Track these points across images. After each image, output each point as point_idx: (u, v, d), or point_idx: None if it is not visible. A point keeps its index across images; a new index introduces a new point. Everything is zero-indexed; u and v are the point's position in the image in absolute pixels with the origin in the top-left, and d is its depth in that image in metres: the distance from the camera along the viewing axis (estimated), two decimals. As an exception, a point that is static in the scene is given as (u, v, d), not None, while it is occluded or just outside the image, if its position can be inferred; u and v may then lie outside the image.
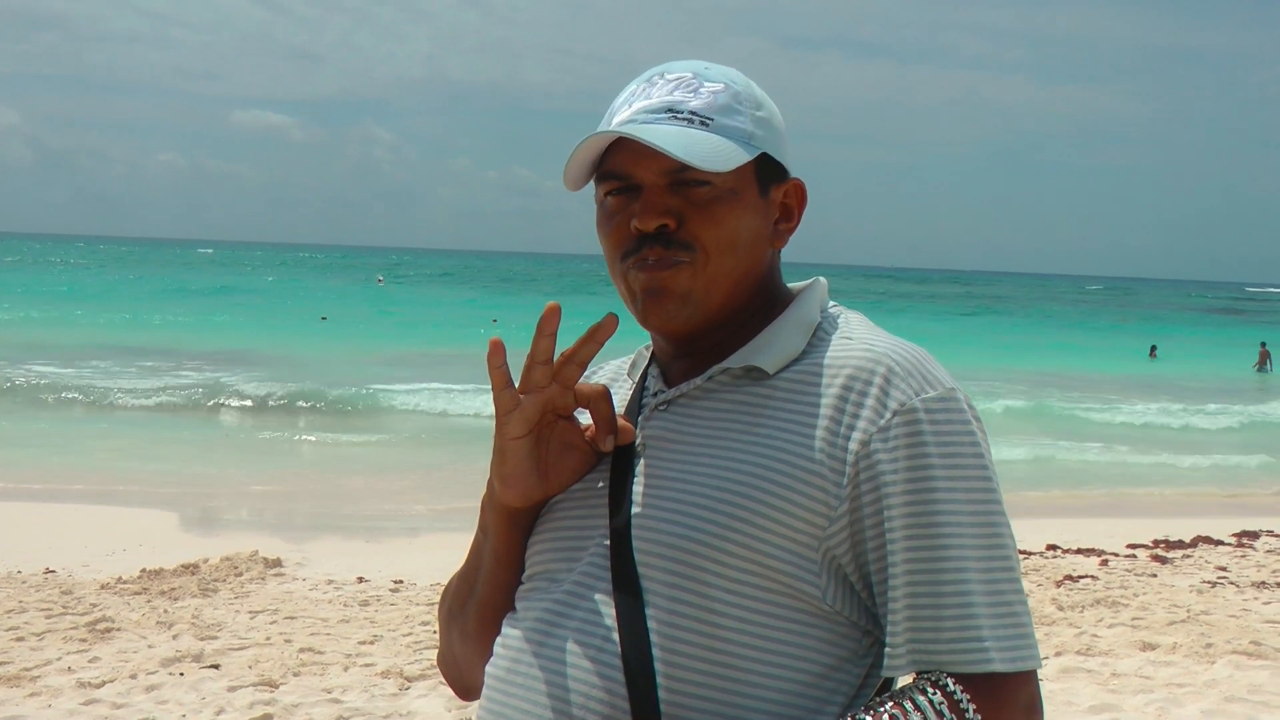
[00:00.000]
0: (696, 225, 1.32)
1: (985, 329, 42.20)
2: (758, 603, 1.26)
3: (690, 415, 1.35)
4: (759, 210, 1.36)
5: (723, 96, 1.34)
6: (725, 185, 1.32)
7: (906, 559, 1.24)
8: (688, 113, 1.32)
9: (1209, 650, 6.15)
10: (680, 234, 1.32)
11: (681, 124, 1.32)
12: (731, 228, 1.33)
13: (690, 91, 1.34)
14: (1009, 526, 1.29)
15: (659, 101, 1.33)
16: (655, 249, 1.32)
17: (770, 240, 1.39)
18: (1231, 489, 13.06)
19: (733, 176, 1.33)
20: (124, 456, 12.60)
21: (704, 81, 1.35)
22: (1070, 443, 15.67)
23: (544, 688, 1.30)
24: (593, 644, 1.28)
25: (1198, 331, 44.90)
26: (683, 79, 1.35)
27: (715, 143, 1.31)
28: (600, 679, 1.26)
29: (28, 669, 5.53)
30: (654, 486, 1.31)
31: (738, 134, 1.33)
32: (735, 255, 1.34)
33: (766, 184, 1.37)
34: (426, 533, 9.50)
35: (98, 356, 23.09)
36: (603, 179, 1.37)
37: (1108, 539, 9.44)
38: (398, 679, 5.51)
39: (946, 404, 1.28)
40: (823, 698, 1.27)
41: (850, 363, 1.31)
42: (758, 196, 1.36)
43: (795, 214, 1.41)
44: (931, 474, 1.25)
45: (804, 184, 1.42)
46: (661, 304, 1.34)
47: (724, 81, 1.36)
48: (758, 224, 1.36)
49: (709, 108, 1.33)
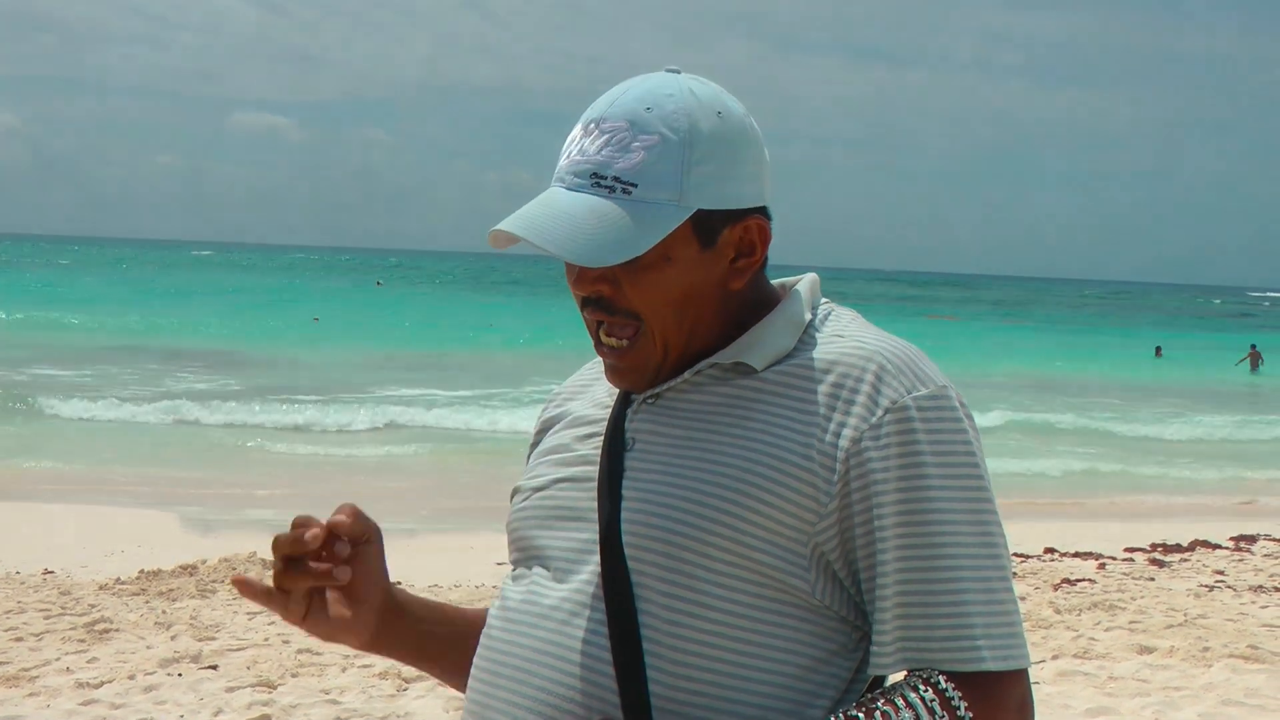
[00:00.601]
0: (631, 294, 1.30)
1: (986, 332, 42.16)
2: (747, 596, 1.26)
3: (677, 409, 1.35)
4: (699, 264, 1.31)
5: (653, 153, 1.28)
6: (655, 252, 1.28)
7: (898, 556, 1.24)
8: (610, 179, 1.27)
9: (1206, 654, 6.16)
10: (619, 301, 1.31)
11: (602, 193, 1.27)
12: (664, 291, 1.30)
13: (620, 150, 1.28)
14: (1000, 525, 1.29)
15: (588, 163, 1.29)
16: (598, 314, 1.33)
17: (727, 282, 1.34)
18: (1229, 492, 13.07)
19: (661, 244, 1.28)
20: (122, 458, 12.60)
21: (638, 135, 1.28)
22: (1072, 447, 15.67)
23: (532, 681, 1.30)
24: (581, 637, 1.28)
25: (1202, 336, 44.71)
26: (617, 131, 1.29)
27: (621, 224, 1.26)
28: (590, 672, 1.27)
29: (26, 669, 5.53)
30: (643, 481, 1.31)
31: (660, 201, 1.27)
32: (678, 313, 1.32)
33: (713, 232, 1.31)
34: (424, 535, 9.50)
35: (96, 358, 23.08)
36: None
37: (1105, 542, 9.45)
38: (395, 680, 5.52)
39: (938, 402, 1.28)
40: (812, 691, 1.28)
41: (842, 360, 1.31)
42: (698, 251, 1.31)
43: (758, 249, 1.35)
44: (924, 472, 1.25)
45: (765, 221, 1.34)
46: (623, 379, 1.36)
47: (657, 134, 1.28)
48: (699, 277, 1.32)
49: (634, 170, 1.27)
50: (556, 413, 1.52)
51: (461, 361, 25.18)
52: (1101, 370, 28.51)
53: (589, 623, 1.29)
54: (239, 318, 34.84)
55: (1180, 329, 51.10)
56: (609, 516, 1.31)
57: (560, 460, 1.42)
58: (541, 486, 1.42)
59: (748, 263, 1.34)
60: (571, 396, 1.53)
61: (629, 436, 1.36)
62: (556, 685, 1.28)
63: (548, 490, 1.41)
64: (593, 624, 1.29)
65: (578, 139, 1.32)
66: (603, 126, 1.30)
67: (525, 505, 1.43)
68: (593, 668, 1.27)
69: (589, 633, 1.28)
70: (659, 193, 1.27)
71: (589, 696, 1.26)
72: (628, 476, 1.33)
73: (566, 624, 1.30)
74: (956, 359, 26.82)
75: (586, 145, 1.30)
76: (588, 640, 1.28)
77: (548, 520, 1.39)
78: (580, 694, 1.27)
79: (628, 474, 1.33)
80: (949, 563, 1.24)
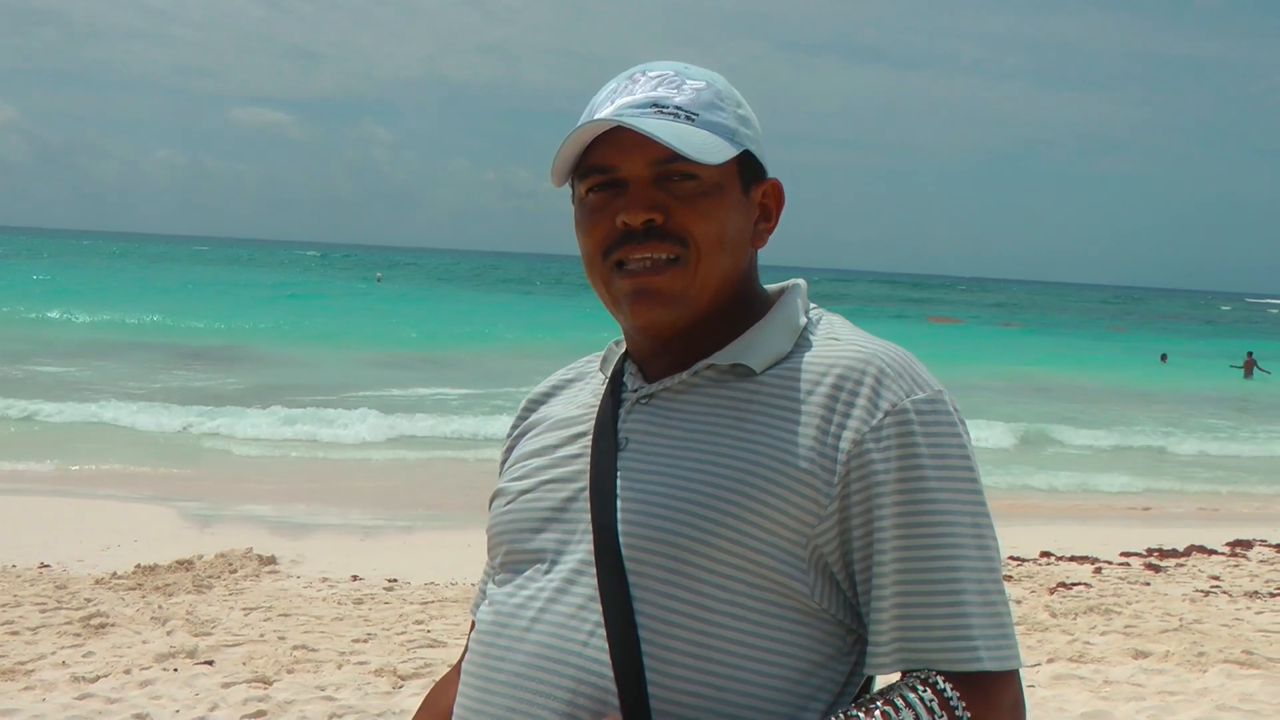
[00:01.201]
0: (684, 219, 1.31)
1: (989, 335, 42.11)
2: (747, 599, 1.26)
3: (674, 410, 1.35)
4: (742, 208, 1.36)
5: (706, 93, 1.34)
6: (711, 180, 1.32)
7: (898, 558, 1.25)
8: (673, 108, 1.31)
9: (1201, 659, 6.16)
10: (669, 227, 1.31)
11: (668, 118, 1.30)
12: (719, 222, 1.32)
13: (674, 88, 1.33)
14: (993, 528, 1.30)
15: (643, 97, 1.32)
16: (646, 245, 1.31)
17: (751, 240, 1.38)
18: (1225, 498, 13.07)
19: (718, 171, 1.32)
20: (119, 453, 12.60)
21: (686, 79, 1.34)
22: (1067, 449, 15.67)
23: (529, 685, 1.29)
24: (579, 640, 1.28)
25: (1208, 342, 44.51)
26: (665, 76, 1.34)
27: (704, 136, 1.30)
28: (589, 674, 1.26)
29: (22, 663, 5.53)
30: (640, 480, 1.31)
31: (723, 130, 1.33)
32: (723, 251, 1.33)
33: (748, 183, 1.37)
34: (421, 532, 9.50)
35: (93, 353, 23.07)
36: (585, 174, 1.34)
37: (1101, 546, 9.45)
38: (391, 677, 5.51)
39: (935, 405, 1.29)
40: (809, 694, 1.28)
41: (840, 363, 1.31)
42: (741, 194, 1.36)
43: (774, 214, 1.41)
44: (924, 474, 1.26)
45: (781, 184, 1.42)
46: (651, 307, 1.32)
47: (705, 80, 1.36)
48: (741, 221, 1.36)
49: (693, 103, 1.32)
50: (534, 417, 1.51)
51: (460, 359, 25.16)
52: (1105, 376, 28.47)
53: (586, 626, 1.28)
54: (237, 314, 34.81)
55: (1186, 335, 50.92)
56: (604, 518, 1.30)
57: (547, 462, 1.41)
58: (528, 489, 1.41)
59: (766, 227, 1.40)
60: (549, 400, 1.52)
61: (622, 437, 1.35)
62: (555, 689, 1.27)
63: (535, 492, 1.40)
64: (590, 626, 1.28)
65: (622, 87, 1.35)
66: (649, 74, 1.35)
67: (511, 508, 1.41)
68: (592, 670, 1.26)
69: (587, 636, 1.27)
70: (717, 124, 1.32)
71: (589, 699, 1.26)
72: (622, 477, 1.32)
73: (564, 627, 1.29)
74: (958, 361, 26.83)
75: (636, 88, 1.34)
76: (585, 643, 1.27)
77: (537, 523, 1.38)
78: (579, 697, 1.26)
79: (622, 475, 1.32)
80: (947, 564, 1.25)
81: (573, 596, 1.30)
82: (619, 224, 1.31)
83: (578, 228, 1.37)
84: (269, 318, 34.02)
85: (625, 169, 1.31)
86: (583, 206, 1.36)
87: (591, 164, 1.33)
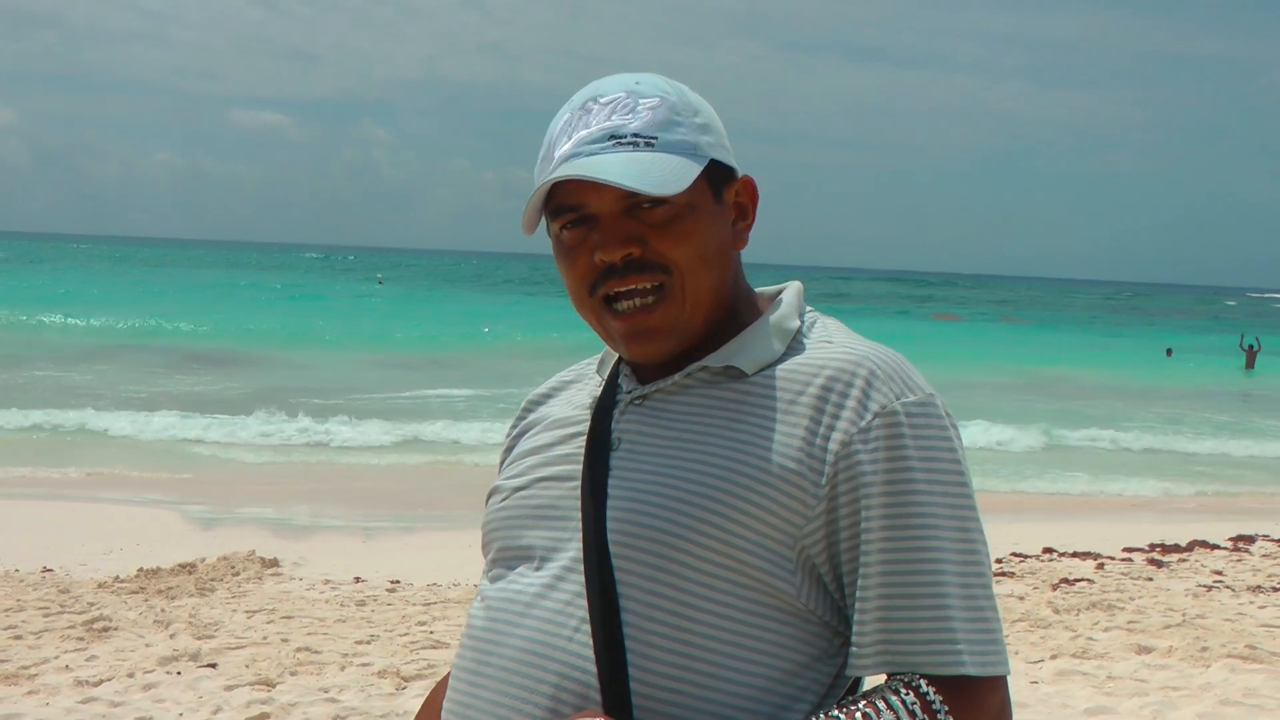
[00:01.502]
0: (663, 246, 1.30)
1: (991, 332, 42.04)
2: (733, 599, 1.26)
3: (667, 410, 1.35)
4: (717, 217, 1.35)
5: (661, 111, 1.32)
6: (682, 202, 1.31)
7: (883, 559, 1.25)
8: (630, 136, 1.30)
9: (1204, 654, 6.16)
10: (648, 256, 1.30)
11: (627, 149, 1.29)
12: (697, 242, 1.32)
13: (628, 113, 1.31)
14: (983, 532, 1.30)
15: (599, 130, 1.30)
16: (627, 279, 1.30)
17: (733, 244, 1.38)
18: (1228, 493, 13.07)
19: (686, 191, 1.30)
20: (121, 456, 12.61)
21: (638, 100, 1.32)
22: (1071, 446, 15.67)
23: (515, 680, 1.30)
24: (564, 636, 1.28)
25: (1213, 337, 44.32)
26: (618, 101, 1.32)
27: (664, 163, 1.29)
28: (573, 670, 1.27)
29: (25, 667, 5.53)
30: (630, 480, 1.31)
31: (683, 148, 1.31)
32: (707, 268, 1.32)
33: (719, 188, 1.36)
34: (423, 533, 9.51)
35: (94, 357, 23.08)
36: (556, 214, 1.34)
37: (1104, 542, 9.45)
38: (394, 679, 5.52)
39: (926, 409, 1.29)
40: (793, 695, 1.28)
41: (831, 364, 1.31)
42: (713, 204, 1.35)
43: (750, 211, 1.40)
44: (911, 476, 1.26)
45: (752, 179, 1.41)
46: (646, 345, 1.33)
47: (658, 95, 1.33)
48: (719, 231, 1.35)
49: (650, 126, 1.30)
50: (532, 417, 1.52)
51: (463, 360, 25.18)
52: (1109, 371, 28.42)
53: (572, 621, 1.29)
54: (239, 317, 34.82)
55: (1191, 330, 50.72)
56: (594, 516, 1.31)
57: (542, 460, 1.42)
58: (522, 486, 1.41)
59: (744, 225, 1.39)
60: (548, 400, 1.53)
61: (615, 437, 1.36)
62: (540, 684, 1.28)
63: (529, 490, 1.40)
64: (576, 623, 1.28)
65: (577, 119, 1.33)
66: (600, 102, 1.33)
67: (506, 504, 1.42)
68: (576, 666, 1.27)
69: (572, 632, 1.28)
70: (677, 144, 1.31)
71: (572, 695, 1.26)
72: (613, 476, 1.32)
73: (550, 623, 1.30)
74: (961, 358, 26.84)
75: (590, 120, 1.32)
76: (571, 640, 1.28)
77: (529, 520, 1.38)
78: (563, 692, 1.26)
79: (613, 474, 1.33)
80: (932, 566, 1.24)
81: (560, 593, 1.31)
82: (597, 261, 1.31)
83: (559, 264, 1.37)
84: (271, 320, 34.03)
85: (593, 205, 1.31)
86: (559, 244, 1.36)
87: (560, 204, 1.32)
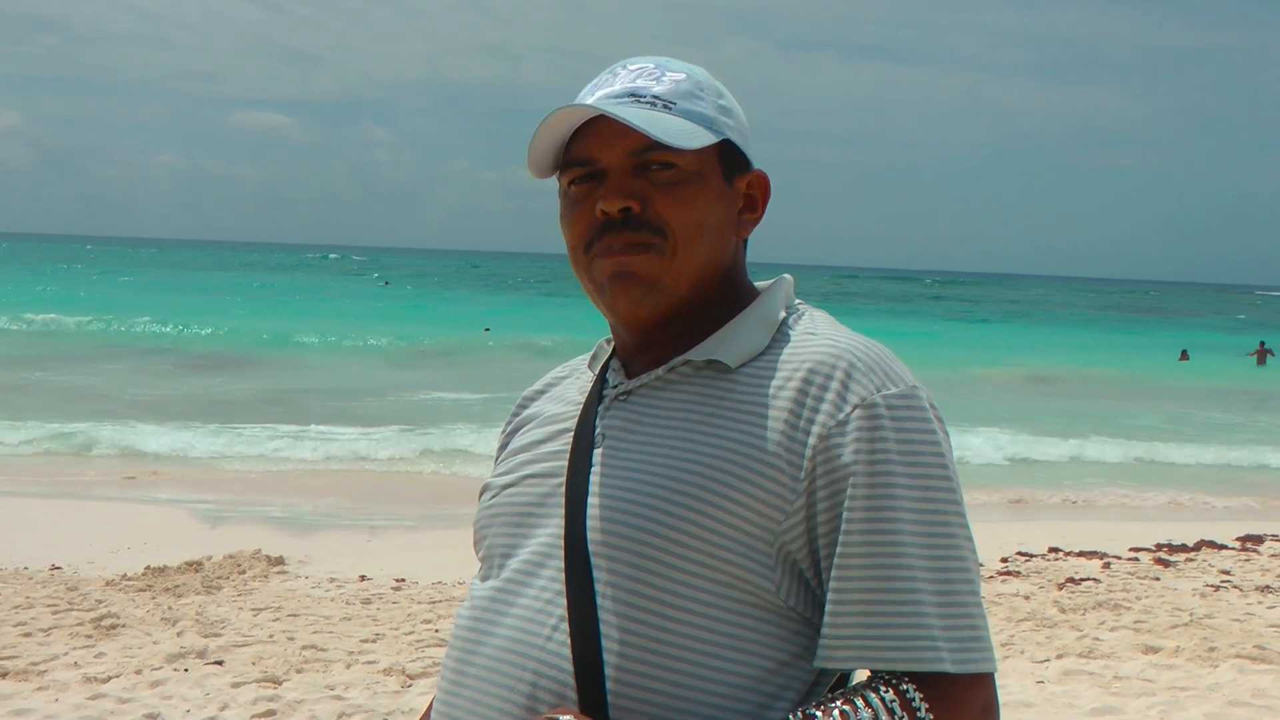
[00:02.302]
0: (662, 207, 1.31)
1: (999, 331, 41.91)
2: (710, 596, 1.25)
3: (649, 406, 1.34)
4: (723, 197, 1.36)
5: (685, 84, 1.35)
6: (690, 168, 1.32)
7: (859, 553, 1.23)
8: (650, 97, 1.33)
9: (1212, 654, 6.15)
10: (647, 215, 1.31)
11: (645, 107, 1.32)
12: (698, 211, 1.32)
13: (653, 79, 1.34)
14: (967, 528, 1.27)
15: (622, 88, 1.34)
16: (622, 234, 1.31)
17: (735, 230, 1.38)
18: (1236, 492, 13.04)
19: (697, 160, 1.32)
20: (129, 455, 12.63)
21: (666, 71, 1.35)
22: (1079, 448, 15.63)
23: (495, 680, 1.30)
24: (543, 635, 1.28)
25: (1228, 337, 43.92)
26: (645, 69, 1.36)
27: (680, 123, 1.31)
28: (551, 669, 1.26)
29: (35, 664, 5.55)
30: (610, 477, 1.30)
31: (700, 118, 1.33)
32: (702, 240, 1.33)
33: (730, 172, 1.37)
34: (428, 531, 9.51)
35: (101, 359, 23.11)
36: (566, 167, 1.36)
37: (1110, 542, 9.43)
38: (400, 676, 5.52)
39: (908, 401, 1.27)
40: (773, 693, 1.26)
41: (812, 357, 1.30)
42: (722, 183, 1.36)
43: (759, 205, 1.40)
44: (890, 470, 1.24)
45: (767, 176, 1.41)
46: (629, 289, 1.33)
47: (685, 72, 1.36)
48: (722, 210, 1.35)
49: (671, 93, 1.33)
50: (526, 414, 1.52)
51: (469, 360, 25.18)
52: (1122, 373, 28.23)
53: (551, 621, 1.28)
54: (245, 318, 34.85)
55: (1206, 329, 50.29)
56: (574, 514, 1.30)
57: (530, 458, 1.42)
58: (511, 484, 1.41)
59: (751, 217, 1.40)
60: (541, 396, 1.53)
61: (598, 434, 1.35)
62: (519, 684, 1.27)
63: (516, 488, 1.40)
64: (554, 621, 1.27)
65: (603, 80, 1.37)
66: (629, 67, 1.36)
67: (494, 503, 1.42)
68: (553, 665, 1.26)
69: (550, 631, 1.27)
70: (695, 113, 1.33)
71: (549, 694, 1.25)
72: (595, 474, 1.32)
73: (530, 621, 1.29)
74: (964, 357, 26.78)
75: (615, 80, 1.35)
76: (549, 639, 1.27)
77: (514, 518, 1.38)
78: (540, 691, 1.26)
79: (595, 471, 1.32)
80: (906, 562, 1.22)
81: (541, 592, 1.30)
82: (598, 213, 1.32)
83: (562, 220, 1.39)
84: (276, 321, 34.04)
85: (604, 159, 1.32)
86: (566, 199, 1.38)
87: (572, 157, 1.35)
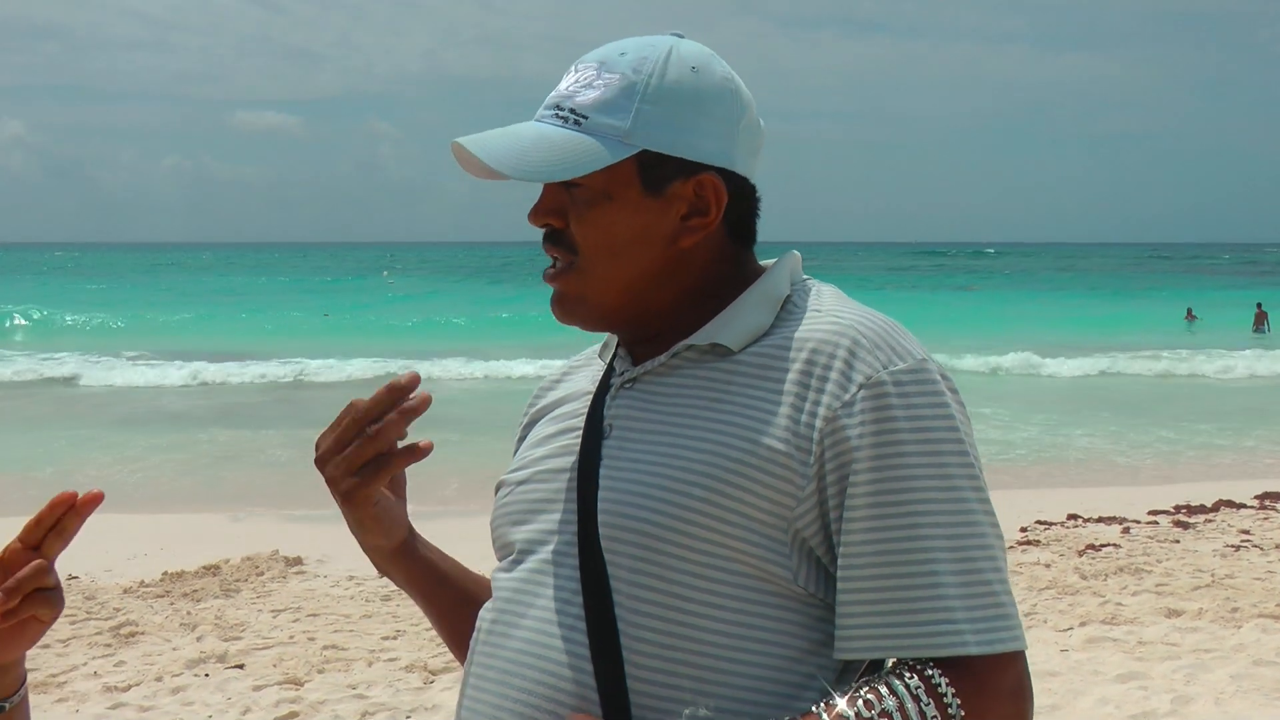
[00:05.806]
0: (575, 228, 1.31)
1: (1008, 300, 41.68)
2: (725, 586, 1.22)
3: (654, 393, 1.32)
4: (642, 210, 1.30)
5: (611, 91, 1.29)
6: (596, 187, 1.29)
7: (872, 537, 1.20)
8: (568, 110, 1.30)
9: (1235, 614, 6.12)
10: (565, 234, 1.32)
11: (549, 122, 1.30)
12: (602, 231, 1.30)
13: (585, 86, 1.31)
14: (988, 503, 1.24)
15: (557, 96, 1.33)
16: (551, 249, 1.34)
17: (676, 238, 1.31)
18: (1251, 451, 12.98)
19: (602, 178, 1.28)
20: (142, 461, 12.64)
21: (604, 73, 1.30)
22: (1094, 412, 15.59)
23: (513, 683, 1.28)
24: (560, 634, 1.25)
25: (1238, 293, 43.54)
26: (586, 71, 1.32)
27: (569, 144, 1.27)
28: (569, 670, 1.24)
29: (54, 675, 5.55)
30: (618, 467, 1.28)
31: (609, 132, 1.27)
32: (614, 259, 1.30)
33: (661, 180, 1.30)
34: (446, 526, 9.50)
35: (111, 363, 23.15)
36: None
37: (1128, 506, 9.39)
38: (422, 673, 5.52)
39: (917, 375, 1.24)
40: (799, 683, 1.23)
41: (815, 337, 1.27)
42: (640, 195, 1.29)
43: (712, 209, 1.31)
44: (901, 448, 1.21)
45: (719, 180, 1.31)
46: (559, 306, 1.35)
47: (624, 73, 1.29)
48: (642, 223, 1.30)
49: (594, 103, 1.29)
50: (543, 404, 1.50)
51: (483, 351, 25.17)
52: (1130, 335, 28.12)
53: (568, 619, 1.25)
54: (253, 316, 34.91)
55: (1215, 286, 49.93)
56: (585, 507, 1.27)
57: (544, 452, 1.39)
58: (525, 479, 1.39)
59: (701, 222, 1.32)
60: (556, 387, 1.51)
61: (607, 423, 1.33)
62: (537, 685, 1.25)
63: (530, 483, 1.38)
64: (571, 620, 1.25)
65: (559, 81, 1.36)
66: (579, 67, 1.34)
67: (509, 498, 1.40)
68: (572, 665, 1.24)
69: (568, 629, 1.25)
70: (606, 127, 1.28)
71: (569, 695, 1.23)
72: (604, 465, 1.29)
73: (547, 621, 1.27)
74: (976, 328, 26.69)
75: (562, 83, 1.34)
76: (566, 638, 1.25)
77: (530, 513, 1.36)
78: (560, 693, 1.24)
79: (604, 462, 1.29)
80: (924, 543, 1.19)
81: (557, 591, 1.28)
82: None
83: None
84: (286, 321, 34.08)
85: None
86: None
87: None
